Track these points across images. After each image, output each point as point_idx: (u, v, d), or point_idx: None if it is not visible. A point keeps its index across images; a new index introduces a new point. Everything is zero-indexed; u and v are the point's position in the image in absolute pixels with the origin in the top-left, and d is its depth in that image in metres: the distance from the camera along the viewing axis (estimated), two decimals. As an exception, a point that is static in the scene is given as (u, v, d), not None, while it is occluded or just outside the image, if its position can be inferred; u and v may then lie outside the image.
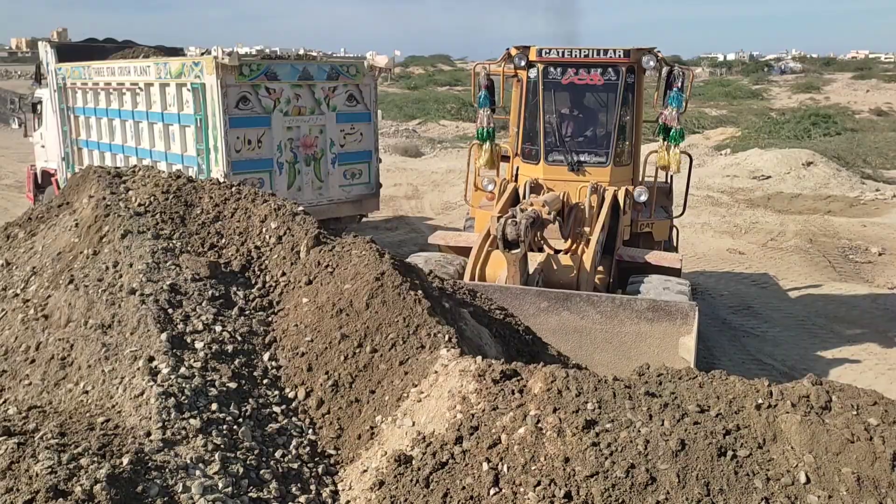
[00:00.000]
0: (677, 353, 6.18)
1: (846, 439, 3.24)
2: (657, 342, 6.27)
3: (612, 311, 6.41)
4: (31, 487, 2.97)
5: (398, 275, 4.56)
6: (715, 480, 3.16)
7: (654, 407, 3.50)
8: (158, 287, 4.55)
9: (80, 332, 4.39)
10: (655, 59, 7.96)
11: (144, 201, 5.50)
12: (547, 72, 8.13)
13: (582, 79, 8.08)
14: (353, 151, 10.34)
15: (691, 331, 6.31)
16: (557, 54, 8.01)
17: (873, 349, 8.51)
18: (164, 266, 4.80)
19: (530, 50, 8.17)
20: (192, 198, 5.61)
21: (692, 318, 6.32)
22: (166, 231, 5.25)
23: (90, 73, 11.32)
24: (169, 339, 4.13)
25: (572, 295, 6.49)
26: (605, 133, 8.29)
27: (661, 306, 6.43)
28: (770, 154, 20.15)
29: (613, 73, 8.00)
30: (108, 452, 3.30)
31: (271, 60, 9.35)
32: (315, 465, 3.79)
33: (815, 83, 54.21)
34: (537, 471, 3.29)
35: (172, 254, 4.98)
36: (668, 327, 6.35)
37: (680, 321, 6.36)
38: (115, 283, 4.64)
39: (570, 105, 8.53)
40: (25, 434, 3.40)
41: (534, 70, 8.27)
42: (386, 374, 4.15)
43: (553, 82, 8.18)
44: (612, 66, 7.99)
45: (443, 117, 35.14)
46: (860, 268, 12.02)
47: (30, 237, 5.74)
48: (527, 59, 8.18)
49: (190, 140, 9.45)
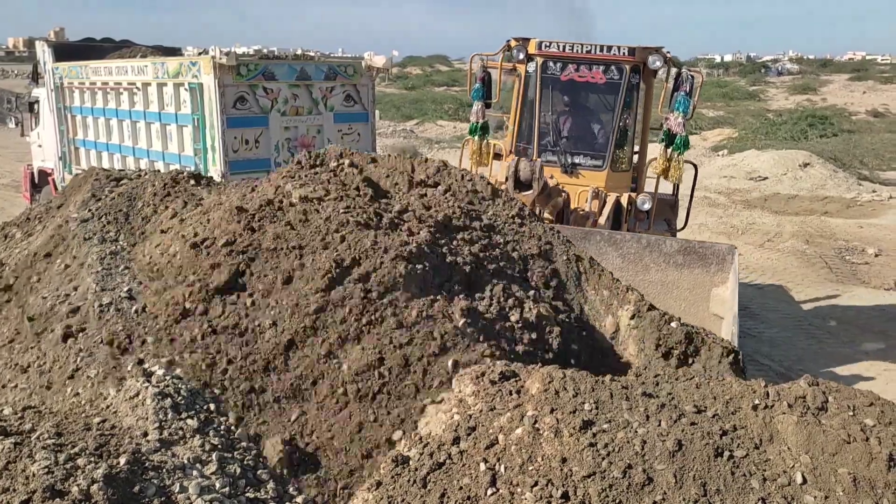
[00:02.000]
0: (708, 309, 5.52)
1: (843, 440, 3.25)
2: (686, 293, 5.56)
3: (636, 252, 5.69)
4: (27, 487, 2.96)
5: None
6: (712, 481, 3.17)
7: (651, 407, 3.51)
8: (116, 295, 4.40)
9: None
10: (663, 60, 7.58)
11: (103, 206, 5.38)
12: (546, 66, 7.77)
13: (583, 76, 7.71)
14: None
15: (727, 280, 5.47)
16: (558, 48, 7.61)
17: (870, 350, 8.54)
18: (116, 272, 4.66)
19: (530, 42, 7.79)
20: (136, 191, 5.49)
21: (729, 264, 5.49)
22: (111, 233, 5.11)
23: (87, 73, 11.30)
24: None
25: (591, 233, 5.90)
26: (603, 135, 7.92)
27: (695, 248, 5.62)
28: (767, 155, 20.19)
29: (616, 72, 7.61)
30: (104, 452, 3.29)
31: (269, 60, 9.35)
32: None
33: (812, 84, 54.31)
34: (534, 471, 3.29)
35: (122, 257, 4.83)
36: (701, 275, 5.54)
37: (715, 268, 5.51)
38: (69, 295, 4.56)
39: (568, 103, 8.15)
40: (21, 434, 3.40)
41: (532, 64, 7.92)
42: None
43: (552, 78, 7.82)
44: (616, 65, 7.59)
45: (440, 118, 35.14)
46: (857, 269, 12.05)
47: (26, 237, 5.73)
48: (526, 51, 7.83)
49: (187, 140, 9.43)
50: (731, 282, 5.38)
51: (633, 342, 4.61)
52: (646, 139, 8.34)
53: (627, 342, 4.65)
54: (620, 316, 4.72)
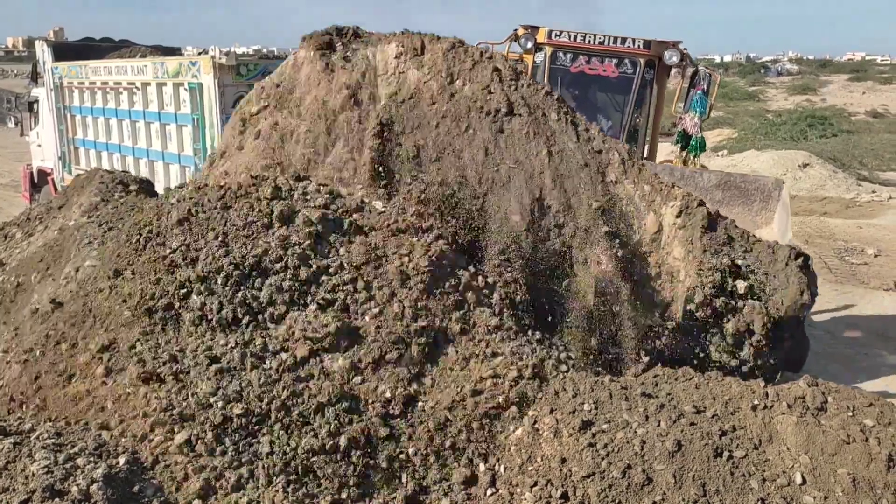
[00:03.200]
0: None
1: (842, 440, 3.25)
2: None
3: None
4: (27, 487, 2.96)
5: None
6: (711, 481, 3.17)
7: (650, 408, 3.50)
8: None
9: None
10: (679, 56, 7.22)
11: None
12: (555, 57, 7.42)
13: (594, 69, 7.40)
14: None
15: (773, 220, 5.06)
16: (569, 38, 7.29)
17: (869, 350, 8.53)
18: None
19: (539, 31, 7.46)
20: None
21: (775, 201, 5.07)
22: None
23: (87, 73, 11.29)
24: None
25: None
26: (613, 132, 7.53)
27: (736, 182, 5.21)
28: (766, 155, 20.17)
29: (630, 66, 7.30)
30: (104, 452, 3.29)
31: (268, 60, 9.36)
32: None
33: (812, 85, 54.25)
34: (534, 471, 3.29)
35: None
36: (742, 213, 5.11)
37: (759, 205, 5.12)
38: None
39: (577, 97, 7.73)
40: (21, 434, 3.40)
41: (541, 54, 7.58)
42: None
43: (561, 69, 7.47)
44: (630, 58, 7.28)
45: (439, 117, 35.06)
46: (856, 269, 12.04)
47: (27, 237, 5.73)
48: (535, 40, 7.49)
49: (187, 140, 9.42)
50: (777, 220, 4.90)
51: (680, 244, 4.22)
52: (656, 138, 8.05)
53: (672, 244, 4.27)
54: (664, 214, 4.29)
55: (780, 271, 4.18)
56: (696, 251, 4.15)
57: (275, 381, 3.68)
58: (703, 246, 4.16)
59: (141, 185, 6.10)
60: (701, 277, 4.10)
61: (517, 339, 4.00)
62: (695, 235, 4.18)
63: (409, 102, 4.74)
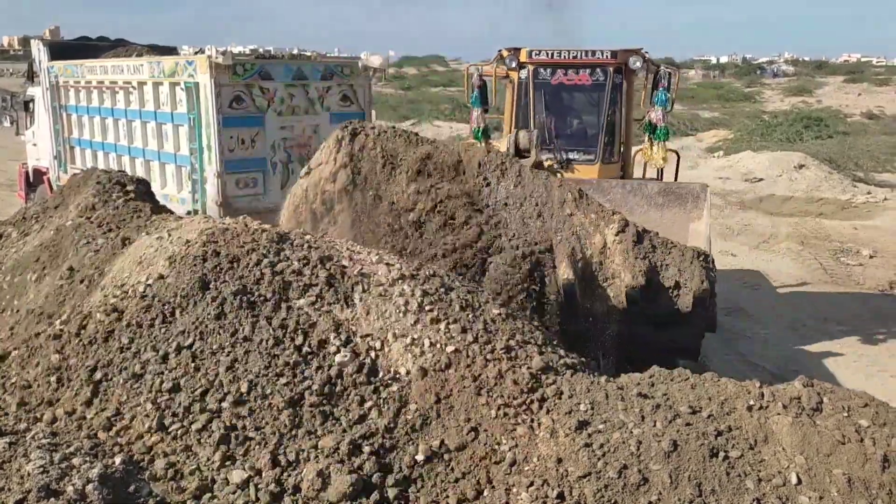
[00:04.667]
0: (687, 242, 6.18)
1: (837, 441, 3.26)
2: (667, 230, 6.27)
3: (621, 197, 6.54)
4: (22, 487, 2.96)
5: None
6: (707, 481, 3.18)
7: (646, 408, 3.51)
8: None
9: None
10: (642, 60, 8.26)
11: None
12: (537, 73, 8.43)
13: (571, 79, 8.44)
14: None
15: (702, 216, 6.29)
16: (547, 55, 8.33)
17: (864, 351, 8.56)
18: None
19: (521, 52, 8.44)
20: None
21: (703, 202, 6.30)
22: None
23: (83, 72, 11.26)
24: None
25: (581, 182, 6.67)
26: (593, 131, 8.58)
27: (672, 189, 6.48)
28: (762, 157, 20.23)
29: (601, 74, 8.33)
30: (100, 452, 3.29)
31: (265, 60, 9.34)
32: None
33: (808, 86, 54.40)
34: (530, 471, 3.30)
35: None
36: (679, 213, 6.38)
37: (690, 205, 6.35)
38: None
39: (559, 104, 8.83)
40: (17, 433, 3.39)
41: (524, 71, 8.55)
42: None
43: (543, 83, 8.49)
44: (600, 67, 8.31)
45: (437, 118, 35.11)
46: (851, 270, 12.08)
47: (22, 237, 5.71)
48: (517, 60, 8.47)
49: (183, 139, 9.41)
50: (704, 216, 6.27)
51: (619, 254, 5.65)
52: (630, 132, 9.00)
53: (614, 255, 5.68)
54: (607, 233, 5.76)
55: (688, 267, 5.59)
56: (630, 258, 5.62)
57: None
58: (635, 254, 5.62)
59: (138, 186, 6.09)
60: (635, 276, 5.55)
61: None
62: (629, 247, 5.66)
63: None
